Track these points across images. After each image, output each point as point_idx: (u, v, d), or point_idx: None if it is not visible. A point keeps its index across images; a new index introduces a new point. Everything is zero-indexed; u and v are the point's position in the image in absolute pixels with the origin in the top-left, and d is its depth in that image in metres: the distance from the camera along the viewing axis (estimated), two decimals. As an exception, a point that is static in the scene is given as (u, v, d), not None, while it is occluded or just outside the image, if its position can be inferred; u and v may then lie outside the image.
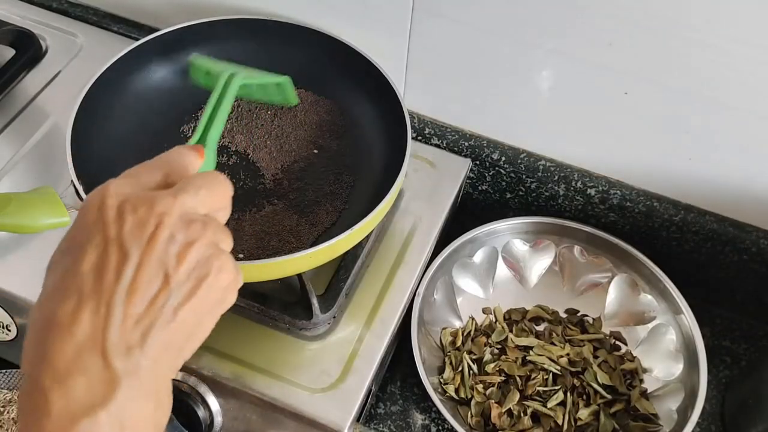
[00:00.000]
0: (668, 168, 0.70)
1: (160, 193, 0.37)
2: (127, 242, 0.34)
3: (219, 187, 0.40)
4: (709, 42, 0.59)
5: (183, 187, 0.38)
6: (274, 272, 0.58)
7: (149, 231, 0.35)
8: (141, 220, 0.35)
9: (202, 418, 0.62)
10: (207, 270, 0.36)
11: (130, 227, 0.35)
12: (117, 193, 0.36)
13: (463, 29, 0.68)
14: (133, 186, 0.37)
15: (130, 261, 0.34)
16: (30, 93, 0.78)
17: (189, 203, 0.37)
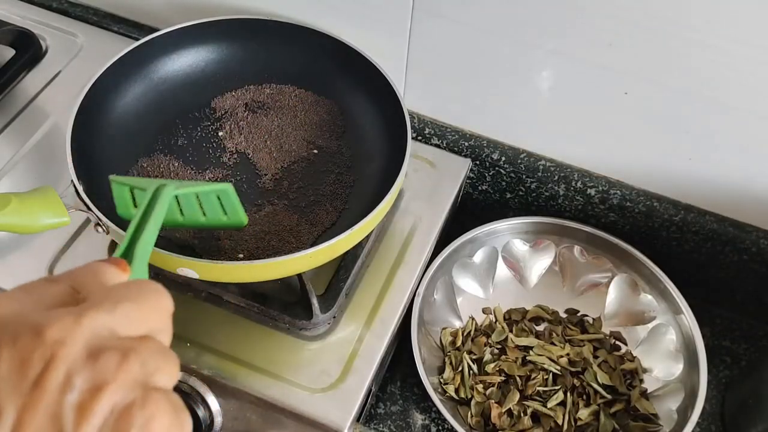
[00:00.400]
0: (668, 168, 0.70)
1: (55, 313, 0.26)
2: (0, 393, 0.24)
3: (151, 298, 0.30)
4: (709, 42, 0.59)
5: (95, 302, 0.28)
6: (274, 272, 0.58)
7: (35, 371, 0.25)
8: (22, 356, 0.25)
9: (202, 418, 0.62)
10: (127, 426, 0.26)
11: (6, 369, 0.25)
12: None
13: (463, 29, 0.68)
14: (21, 302, 0.27)
15: (3, 423, 0.24)
16: (30, 93, 0.78)
17: (100, 323, 0.27)
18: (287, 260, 0.56)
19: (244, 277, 0.59)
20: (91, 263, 0.32)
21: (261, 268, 0.56)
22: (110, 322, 0.27)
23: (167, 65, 0.72)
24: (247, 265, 0.56)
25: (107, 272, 0.32)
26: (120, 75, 0.68)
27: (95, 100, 0.65)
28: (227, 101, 0.72)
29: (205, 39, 0.72)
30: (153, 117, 0.70)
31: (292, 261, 0.56)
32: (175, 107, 0.71)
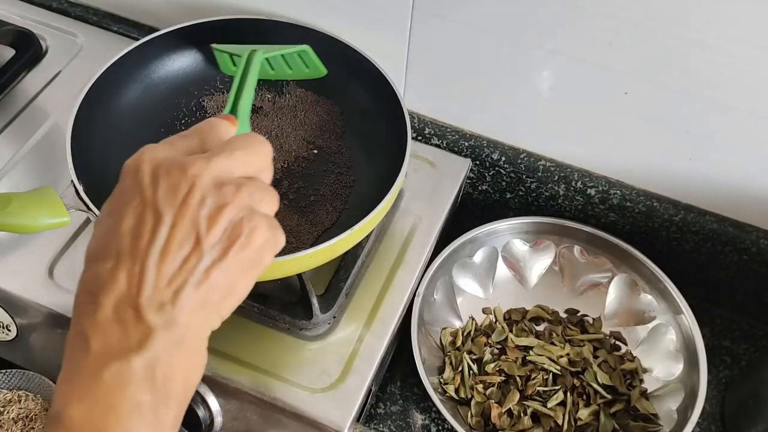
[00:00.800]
0: (668, 168, 0.70)
1: (193, 157, 0.37)
2: (161, 205, 0.36)
3: (256, 147, 0.40)
4: (709, 42, 0.59)
5: (217, 151, 0.38)
6: (274, 272, 0.58)
7: (182, 194, 0.36)
8: (174, 183, 0.36)
9: (202, 418, 0.62)
10: (238, 232, 0.37)
11: (163, 191, 0.36)
12: (152, 158, 0.37)
13: (463, 29, 0.68)
14: (169, 151, 0.38)
15: (164, 223, 0.35)
16: (30, 93, 0.78)
17: (223, 166, 0.37)
18: (287, 260, 0.56)
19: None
20: (209, 119, 0.42)
21: None
22: (227, 164, 0.38)
23: (167, 65, 0.72)
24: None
25: (221, 125, 0.42)
26: (120, 75, 0.68)
27: (95, 100, 0.65)
28: (227, 101, 0.72)
29: (204, 39, 0.72)
30: (153, 116, 0.70)
31: (292, 261, 0.56)
32: (175, 107, 0.71)
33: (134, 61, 0.69)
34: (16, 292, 0.64)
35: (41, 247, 0.67)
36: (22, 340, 0.69)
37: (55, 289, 0.64)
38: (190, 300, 0.36)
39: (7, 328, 0.68)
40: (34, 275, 0.65)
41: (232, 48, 0.63)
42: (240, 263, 0.37)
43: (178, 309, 0.35)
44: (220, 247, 0.36)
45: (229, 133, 0.43)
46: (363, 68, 0.69)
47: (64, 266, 0.66)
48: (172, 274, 0.35)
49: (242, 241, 0.37)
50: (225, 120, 0.43)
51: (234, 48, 0.63)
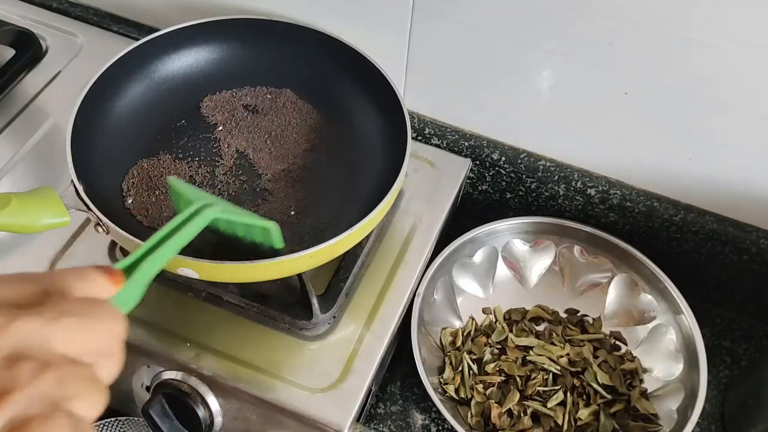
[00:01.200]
0: (668, 168, 0.70)
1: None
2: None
3: (101, 321, 0.29)
4: (709, 42, 0.59)
5: (38, 309, 0.28)
6: (274, 272, 0.58)
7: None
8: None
9: (202, 418, 0.62)
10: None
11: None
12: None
13: (463, 29, 0.68)
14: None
15: None
16: (30, 93, 0.78)
17: (33, 332, 0.27)
18: (287, 260, 0.56)
19: (244, 277, 0.59)
20: (85, 267, 0.31)
21: (261, 268, 0.56)
22: (46, 334, 0.27)
23: (167, 65, 0.72)
24: (247, 265, 0.56)
25: (95, 280, 0.31)
26: (120, 75, 0.68)
27: (95, 100, 0.65)
28: (227, 101, 0.72)
29: (204, 39, 0.72)
30: (153, 116, 0.70)
31: (291, 261, 0.56)
32: (175, 107, 0.71)
33: (134, 61, 0.69)
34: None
35: (41, 247, 0.67)
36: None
37: (55, 289, 0.64)
38: None
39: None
40: (34, 275, 0.65)
41: (190, 191, 0.54)
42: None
43: None
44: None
45: (101, 295, 0.31)
46: (363, 68, 0.69)
47: (64, 266, 0.66)
48: None
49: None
50: (105, 275, 0.32)
51: (191, 192, 0.54)
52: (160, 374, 0.63)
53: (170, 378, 0.62)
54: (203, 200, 0.48)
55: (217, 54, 0.73)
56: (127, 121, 0.69)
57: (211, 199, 0.51)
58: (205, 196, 0.52)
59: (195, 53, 0.73)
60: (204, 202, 0.48)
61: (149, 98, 0.71)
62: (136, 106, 0.70)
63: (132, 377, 0.66)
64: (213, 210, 0.47)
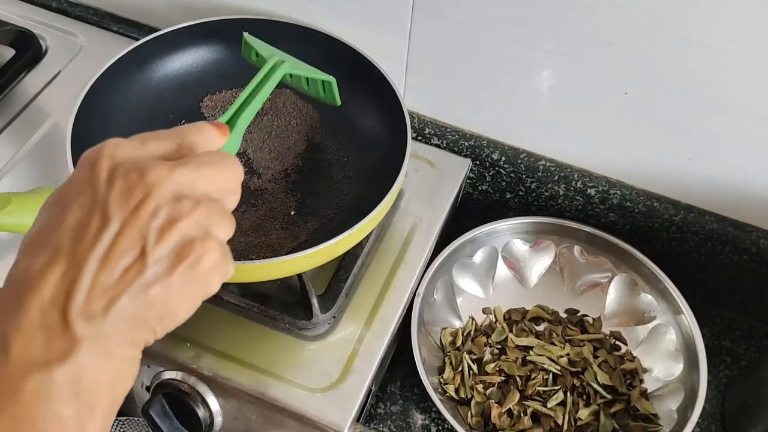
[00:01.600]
0: (668, 168, 0.70)
1: (157, 163, 0.35)
2: (111, 207, 0.33)
3: (227, 167, 0.37)
4: (709, 42, 0.59)
5: (185, 161, 0.36)
6: (274, 272, 0.58)
7: (135, 200, 0.33)
8: (129, 187, 0.33)
9: (202, 418, 0.62)
10: (188, 251, 0.34)
11: (117, 192, 0.33)
12: (112, 155, 0.35)
13: (463, 29, 0.68)
14: (135, 150, 0.35)
15: (110, 227, 0.33)
16: (30, 93, 0.78)
17: (186, 179, 0.35)
18: (287, 260, 0.56)
19: (244, 278, 0.58)
20: (198, 123, 0.39)
21: (261, 268, 0.56)
22: (192, 178, 0.35)
23: (167, 65, 0.72)
24: (247, 265, 0.56)
25: (210, 133, 0.39)
26: (120, 75, 0.68)
27: (95, 99, 0.65)
28: (227, 101, 0.72)
29: (204, 39, 0.72)
30: (154, 116, 0.70)
31: (291, 261, 0.56)
32: (175, 106, 0.71)
33: (134, 61, 0.69)
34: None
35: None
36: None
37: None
38: (124, 314, 0.33)
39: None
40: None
41: (261, 46, 0.60)
42: (184, 284, 0.34)
43: (109, 322, 0.32)
44: (166, 263, 0.34)
45: (216, 144, 0.39)
46: (363, 68, 0.68)
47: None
48: (108, 283, 0.32)
49: (191, 261, 0.34)
50: (216, 128, 0.39)
51: (263, 47, 0.60)
52: (160, 374, 0.63)
53: (170, 378, 0.62)
54: (276, 56, 0.55)
55: (217, 54, 0.73)
56: (128, 121, 0.69)
57: (282, 55, 0.57)
58: (276, 52, 0.58)
59: (195, 53, 0.73)
60: (277, 59, 0.54)
61: (149, 98, 0.71)
62: (136, 106, 0.70)
63: (132, 377, 0.66)
64: (285, 66, 0.54)
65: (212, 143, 0.39)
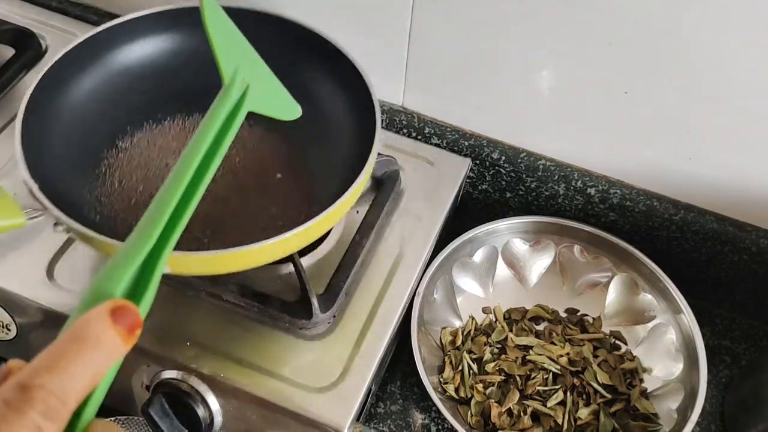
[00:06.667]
0: (668, 168, 0.70)
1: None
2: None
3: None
4: (710, 42, 0.59)
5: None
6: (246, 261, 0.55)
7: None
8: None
9: (202, 417, 0.62)
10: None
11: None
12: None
13: (463, 29, 0.68)
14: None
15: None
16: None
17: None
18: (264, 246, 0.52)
19: (217, 268, 0.54)
20: (82, 330, 0.29)
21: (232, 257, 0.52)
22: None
23: (127, 54, 0.68)
24: (222, 255, 0.51)
25: (101, 346, 0.29)
26: (74, 66, 0.65)
27: (46, 94, 0.62)
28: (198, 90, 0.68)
29: (165, 28, 0.68)
30: (116, 107, 0.67)
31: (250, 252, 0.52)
32: (139, 97, 0.68)
33: (89, 51, 0.66)
34: (15, 292, 0.64)
35: (41, 246, 0.67)
36: (22, 340, 0.69)
37: (54, 288, 0.64)
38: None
39: (6, 328, 0.68)
40: (34, 274, 0.65)
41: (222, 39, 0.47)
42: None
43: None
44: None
45: (117, 356, 0.30)
46: (323, 48, 0.65)
47: (63, 265, 0.66)
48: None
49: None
50: (116, 334, 0.29)
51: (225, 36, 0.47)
52: (159, 373, 0.63)
53: (170, 377, 0.62)
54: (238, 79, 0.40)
55: (178, 44, 0.70)
56: (83, 115, 0.65)
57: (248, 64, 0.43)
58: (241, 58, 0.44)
59: (156, 42, 0.69)
60: (239, 86, 0.40)
61: (110, 88, 0.67)
62: (95, 95, 0.66)
63: (132, 377, 0.66)
64: (246, 103, 0.40)
65: (107, 360, 0.29)
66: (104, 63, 0.68)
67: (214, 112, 0.39)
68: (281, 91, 0.51)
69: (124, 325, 0.30)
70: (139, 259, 0.31)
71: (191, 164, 0.34)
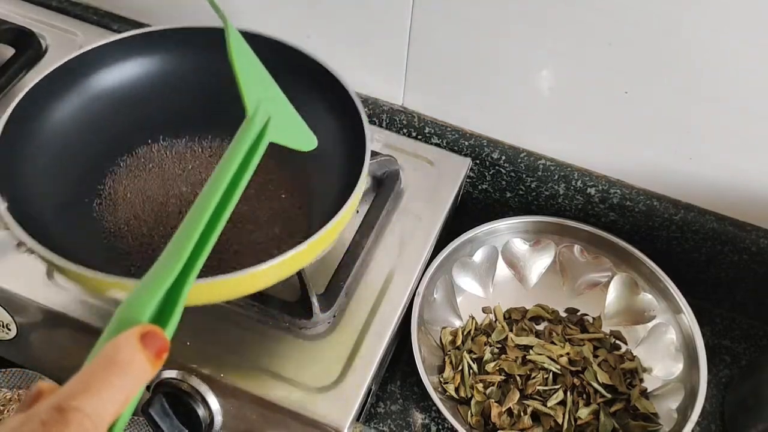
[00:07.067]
0: (668, 167, 0.70)
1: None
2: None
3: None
4: (710, 42, 0.59)
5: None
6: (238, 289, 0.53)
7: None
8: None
9: (202, 417, 0.62)
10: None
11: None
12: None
13: (463, 29, 0.68)
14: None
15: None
16: (30, 92, 0.78)
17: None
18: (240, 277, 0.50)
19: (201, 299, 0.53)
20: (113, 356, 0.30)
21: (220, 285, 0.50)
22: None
23: (106, 78, 0.66)
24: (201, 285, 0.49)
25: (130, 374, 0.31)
26: (55, 88, 0.63)
27: (27, 111, 0.60)
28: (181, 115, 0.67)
29: (139, 52, 0.67)
30: (96, 133, 0.65)
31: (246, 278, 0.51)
32: (116, 122, 0.66)
33: (70, 73, 0.64)
34: (15, 291, 0.64)
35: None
36: (22, 339, 0.69)
37: (54, 288, 0.64)
38: None
39: (6, 327, 0.68)
40: (34, 274, 0.65)
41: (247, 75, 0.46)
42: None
43: None
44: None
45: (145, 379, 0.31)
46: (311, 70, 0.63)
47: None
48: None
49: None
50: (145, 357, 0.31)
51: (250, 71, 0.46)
52: (159, 373, 0.63)
53: (170, 377, 0.62)
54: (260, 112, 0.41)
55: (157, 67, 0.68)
56: (58, 139, 0.63)
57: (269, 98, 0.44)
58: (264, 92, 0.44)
59: (132, 67, 0.67)
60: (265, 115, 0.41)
61: (91, 110, 0.65)
62: (73, 119, 0.64)
63: (132, 376, 0.66)
64: (267, 135, 0.41)
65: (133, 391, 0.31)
66: (82, 88, 0.65)
67: (238, 142, 0.40)
68: (299, 122, 0.52)
69: (152, 350, 0.31)
70: (165, 286, 0.32)
71: (217, 192, 0.35)
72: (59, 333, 0.66)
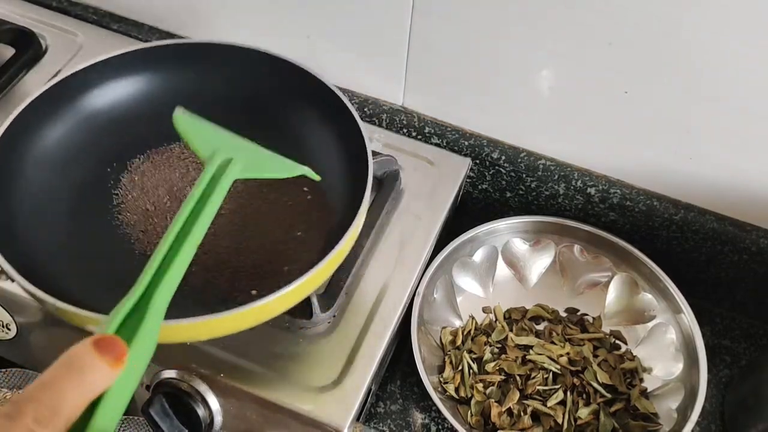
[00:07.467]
0: (668, 167, 0.70)
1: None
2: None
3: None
4: (710, 42, 0.59)
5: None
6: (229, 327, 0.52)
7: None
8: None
9: (202, 417, 0.62)
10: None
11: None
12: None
13: (463, 29, 0.68)
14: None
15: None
16: (30, 92, 0.78)
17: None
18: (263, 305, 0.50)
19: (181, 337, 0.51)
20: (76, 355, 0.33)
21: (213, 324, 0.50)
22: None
23: (98, 98, 0.67)
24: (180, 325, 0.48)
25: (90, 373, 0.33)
26: (46, 110, 0.63)
27: (20, 131, 0.60)
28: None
29: (134, 70, 0.67)
30: (88, 153, 0.65)
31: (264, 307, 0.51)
32: (111, 144, 0.66)
33: (60, 95, 0.64)
34: (16, 291, 0.64)
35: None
36: (22, 339, 0.69)
37: (55, 288, 0.64)
38: None
39: (6, 327, 0.68)
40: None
41: (195, 131, 0.48)
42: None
43: None
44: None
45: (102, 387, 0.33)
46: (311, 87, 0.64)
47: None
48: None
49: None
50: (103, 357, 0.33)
51: (197, 132, 0.47)
52: (159, 373, 0.63)
53: (170, 377, 0.62)
54: (220, 154, 0.42)
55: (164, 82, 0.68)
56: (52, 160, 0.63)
57: (227, 147, 0.45)
58: (220, 143, 0.46)
59: (126, 85, 0.67)
60: (223, 157, 0.42)
61: (79, 136, 0.65)
62: (64, 143, 0.64)
63: (132, 376, 0.66)
64: (235, 168, 0.42)
65: (96, 388, 0.32)
66: (79, 106, 0.65)
67: (198, 181, 0.44)
68: (272, 156, 0.54)
69: (109, 355, 0.33)
70: (127, 306, 0.35)
71: (175, 226, 0.39)
72: (59, 333, 0.66)
